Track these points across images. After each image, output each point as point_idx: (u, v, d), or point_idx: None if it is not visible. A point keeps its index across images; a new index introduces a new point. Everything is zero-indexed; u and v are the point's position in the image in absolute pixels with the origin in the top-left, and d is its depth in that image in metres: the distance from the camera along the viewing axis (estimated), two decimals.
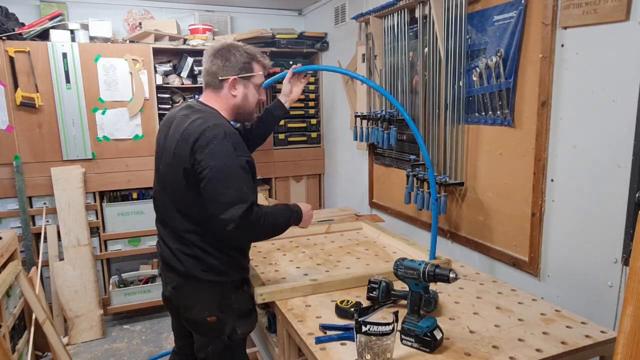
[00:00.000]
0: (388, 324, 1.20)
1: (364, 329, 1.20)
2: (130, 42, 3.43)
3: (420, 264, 1.35)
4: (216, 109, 1.65)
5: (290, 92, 2.12)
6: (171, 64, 3.66)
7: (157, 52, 3.50)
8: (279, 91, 2.14)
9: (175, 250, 1.63)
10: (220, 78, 1.64)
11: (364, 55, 3.16)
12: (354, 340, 1.27)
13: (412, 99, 2.66)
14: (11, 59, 2.99)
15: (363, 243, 2.33)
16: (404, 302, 1.52)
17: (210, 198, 1.48)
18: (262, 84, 1.74)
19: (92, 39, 3.30)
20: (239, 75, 1.65)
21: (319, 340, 1.37)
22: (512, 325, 1.44)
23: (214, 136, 1.49)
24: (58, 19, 3.22)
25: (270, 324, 2.00)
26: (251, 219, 1.47)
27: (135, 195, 3.51)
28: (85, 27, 3.27)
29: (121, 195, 3.50)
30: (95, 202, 3.36)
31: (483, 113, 2.14)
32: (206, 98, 1.70)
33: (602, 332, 1.40)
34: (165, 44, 3.48)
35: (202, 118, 1.55)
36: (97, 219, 3.37)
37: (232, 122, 1.70)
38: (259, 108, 1.95)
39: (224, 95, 1.66)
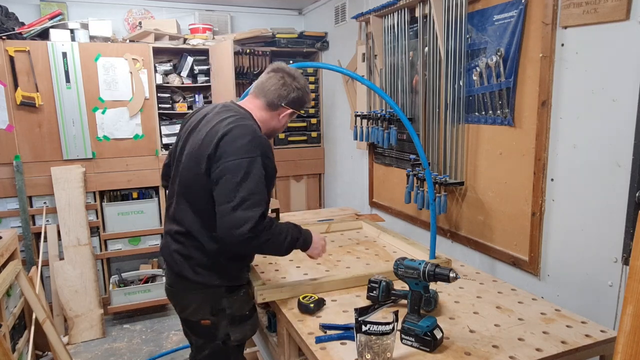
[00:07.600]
0: (388, 323, 1.20)
1: (364, 328, 1.20)
2: (130, 41, 3.43)
3: (420, 264, 1.35)
4: (250, 113, 1.64)
5: None
6: (171, 63, 3.66)
7: (157, 52, 3.50)
8: None
9: (172, 249, 1.62)
10: (282, 104, 1.65)
11: (364, 54, 3.16)
12: (354, 340, 1.27)
13: (412, 99, 2.66)
14: (11, 59, 2.99)
15: (363, 242, 2.33)
16: (404, 301, 1.52)
17: (224, 196, 1.43)
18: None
19: (92, 38, 3.30)
20: (294, 110, 1.69)
21: (319, 340, 1.37)
22: (512, 324, 1.44)
23: (241, 134, 1.48)
24: (58, 18, 3.23)
25: (270, 324, 2.00)
26: (259, 228, 1.42)
27: (135, 195, 3.51)
28: (85, 26, 3.28)
29: (121, 195, 3.51)
30: (95, 201, 3.36)
31: (483, 112, 2.14)
32: (249, 103, 1.67)
33: (602, 331, 1.40)
34: (165, 44, 3.48)
35: (234, 117, 1.55)
36: (97, 218, 3.37)
37: None
38: None
39: (273, 115, 1.68)
